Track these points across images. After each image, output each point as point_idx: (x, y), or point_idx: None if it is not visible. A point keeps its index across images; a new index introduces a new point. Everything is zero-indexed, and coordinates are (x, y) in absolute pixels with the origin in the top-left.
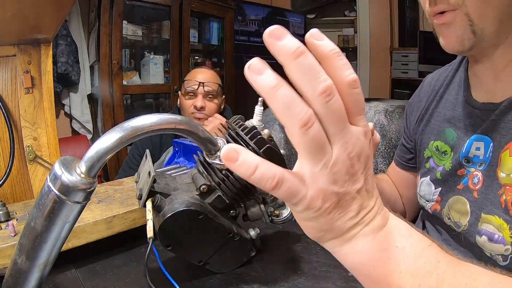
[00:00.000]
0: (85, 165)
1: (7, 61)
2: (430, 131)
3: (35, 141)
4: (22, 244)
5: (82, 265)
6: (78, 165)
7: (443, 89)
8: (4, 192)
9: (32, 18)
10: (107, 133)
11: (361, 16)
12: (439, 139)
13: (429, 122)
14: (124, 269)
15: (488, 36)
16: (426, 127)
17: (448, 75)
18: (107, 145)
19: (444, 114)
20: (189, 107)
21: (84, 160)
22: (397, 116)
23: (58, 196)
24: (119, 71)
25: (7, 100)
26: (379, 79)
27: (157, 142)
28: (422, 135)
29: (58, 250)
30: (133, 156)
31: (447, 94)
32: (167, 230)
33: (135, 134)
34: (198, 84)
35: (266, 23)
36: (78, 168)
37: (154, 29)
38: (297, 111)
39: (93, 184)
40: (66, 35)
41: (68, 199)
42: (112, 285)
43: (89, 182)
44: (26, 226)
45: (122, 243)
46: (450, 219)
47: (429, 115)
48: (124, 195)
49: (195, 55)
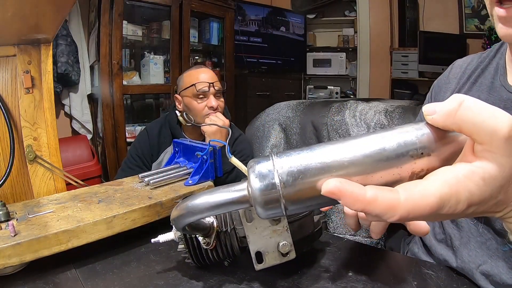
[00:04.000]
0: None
1: (7, 61)
2: None
3: (35, 141)
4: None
5: (82, 265)
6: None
7: (478, 73)
8: (4, 192)
9: (32, 18)
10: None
11: (361, 16)
12: None
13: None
14: (124, 269)
15: None
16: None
17: (483, 60)
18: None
19: (478, 97)
20: (203, 109)
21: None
22: (397, 116)
23: None
24: (119, 71)
25: (7, 100)
26: (379, 79)
27: (155, 142)
28: None
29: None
30: (131, 156)
31: (482, 78)
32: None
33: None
34: (208, 85)
35: (266, 23)
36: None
37: (154, 29)
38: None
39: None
40: (66, 35)
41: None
42: (112, 285)
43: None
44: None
45: (122, 243)
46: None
47: None
48: (124, 195)
49: (195, 55)
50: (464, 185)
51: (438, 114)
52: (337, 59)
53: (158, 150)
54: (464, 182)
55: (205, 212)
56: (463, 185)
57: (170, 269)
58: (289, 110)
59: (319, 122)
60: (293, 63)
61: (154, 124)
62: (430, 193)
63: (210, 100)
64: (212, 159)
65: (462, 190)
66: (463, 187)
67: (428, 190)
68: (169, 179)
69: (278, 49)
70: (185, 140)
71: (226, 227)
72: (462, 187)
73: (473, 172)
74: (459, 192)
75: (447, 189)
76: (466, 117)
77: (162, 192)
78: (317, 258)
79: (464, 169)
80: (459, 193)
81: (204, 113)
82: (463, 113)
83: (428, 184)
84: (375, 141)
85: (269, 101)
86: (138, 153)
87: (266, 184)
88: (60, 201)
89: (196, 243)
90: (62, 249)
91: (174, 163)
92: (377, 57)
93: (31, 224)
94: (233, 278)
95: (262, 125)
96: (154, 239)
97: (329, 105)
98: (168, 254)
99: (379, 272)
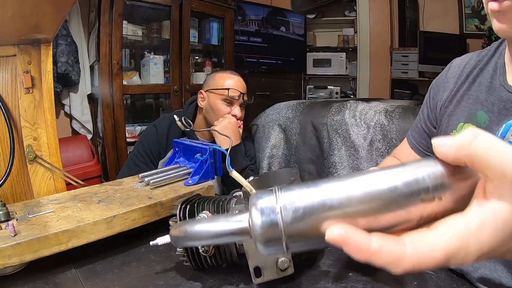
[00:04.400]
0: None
1: (7, 61)
2: (460, 113)
3: (35, 141)
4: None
5: (82, 265)
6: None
7: (477, 73)
8: (4, 192)
9: (32, 18)
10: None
11: (361, 16)
12: (469, 121)
13: (460, 104)
14: (124, 269)
15: None
16: (456, 108)
17: (482, 59)
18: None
19: (476, 97)
20: (226, 114)
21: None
22: (397, 116)
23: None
24: (119, 71)
25: (7, 100)
26: (379, 79)
27: (163, 139)
28: (450, 117)
29: None
30: (138, 153)
31: (480, 77)
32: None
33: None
34: (240, 94)
35: (266, 23)
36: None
37: (154, 29)
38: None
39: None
40: (66, 35)
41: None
42: (112, 285)
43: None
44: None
45: (122, 243)
46: None
47: (460, 97)
48: (124, 195)
49: (195, 55)
50: (475, 237)
51: (450, 146)
52: (337, 59)
53: (166, 148)
54: (475, 234)
55: (204, 240)
56: (474, 238)
57: (170, 269)
58: (289, 110)
59: (319, 122)
60: (293, 63)
61: (164, 120)
62: (438, 248)
63: (236, 109)
64: (212, 159)
65: (473, 243)
66: (474, 240)
67: (436, 244)
68: (169, 179)
69: (278, 49)
70: (185, 140)
71: None
72: (473, 240)
73: (485, 222)
74: (469, 245)
75: (457, 242)
76: (480, 149)
77: (162, 192)
78: (317, 259)
79: (475, 218)
80: (469, 246)
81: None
82: (478, 145)
83: (437, 236)
84: (384, 181)
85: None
86: (145, 149)
87: (268, 221)
88: (60, 201)
89: (195, 249)
90: (62, 249)
91: (174, 163)
92: (377, 57)
93: (31, 224)
94: (232, 278)
95: (262, 126)
96: (153, 242)
97: (329, 105)
98: (168, 254)
99: (379, 272)
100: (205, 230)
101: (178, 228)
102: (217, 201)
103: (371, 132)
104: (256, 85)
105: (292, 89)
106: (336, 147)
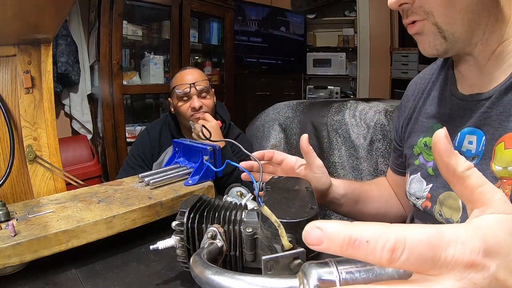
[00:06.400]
0: None
1: (7, 61)
2: (419, 129)
3: (35, 141)
4: None
5: (82, 265)
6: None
7: (430, 87)
8: (4, 192)
9: (32, 18)
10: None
11: (361, 16)
12: (427, 135)
13: (417, 120)
14: (124, 269)
15: (461, 38)
16: (414, 125)
17: (433, 73)
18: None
19: (431, 111)
20: (187, 111)
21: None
22: None
23: None
24: (119, 71)
25: (7, 100)
26: (379, 79)
27: (155, 142)
28: (411, 133)
29: None
30: (133, 156)
31: (433, 91)
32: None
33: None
34: (189, 86)
35: (266, 23)
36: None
37: (154, 29)
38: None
39: None
40: (66, 35)
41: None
42: (112, 285)
43: None
44: None
45: (122, 243)
46: (441, 216)
47: (417, 113)
48: (124, 195)
49: (195, 55)
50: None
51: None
52: (337, 59)
53: (159, 150)
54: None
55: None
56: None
57: (170, 269)
58: (289, 110)
59: (319, 122)
60: (293, 63)
61: (155, 124)
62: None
63: (192, 100)
64: (212, 159)
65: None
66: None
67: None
68: (169, 179)
69: (278, 49)
70: (185, 140)
71: (235, 250)
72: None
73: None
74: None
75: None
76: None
77: (162, 192)
78: (317, 259)
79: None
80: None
81: (189, 114)
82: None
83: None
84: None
85: (269, 101)
86: (139, 152)
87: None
88: (60, 201)
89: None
90: (62, 249)
91: (174, 163)
92: (377, 57)
93: (31, 224)
94: None
95: (262, 125)
96: (153, 246)
97: (329, 105)
98: (168, 254)
99: None
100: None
101: (205, 272)
102: (224, 209)
103: (371, 132)
104: (256, 85)
105: (292, 89)
106: (336, 147)
